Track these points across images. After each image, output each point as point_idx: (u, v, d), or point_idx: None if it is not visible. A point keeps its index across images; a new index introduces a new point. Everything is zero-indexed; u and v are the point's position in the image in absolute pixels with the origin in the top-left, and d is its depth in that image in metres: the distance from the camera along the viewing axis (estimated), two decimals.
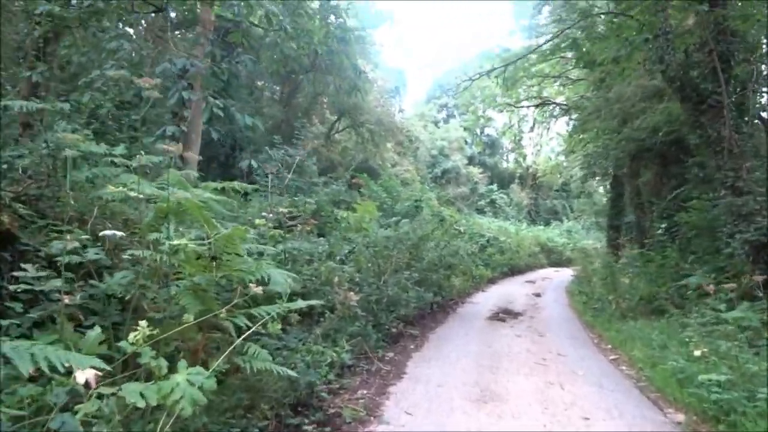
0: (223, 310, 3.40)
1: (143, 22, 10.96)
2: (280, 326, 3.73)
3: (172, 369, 2.72)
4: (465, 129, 49.63)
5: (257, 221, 5.36)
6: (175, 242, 3.35)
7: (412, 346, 7.58)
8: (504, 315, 11.26)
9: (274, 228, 6.25)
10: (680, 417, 5.20)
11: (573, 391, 5.78)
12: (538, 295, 16.18)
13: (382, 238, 8.09)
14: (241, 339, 3.44)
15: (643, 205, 18.86)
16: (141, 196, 3.51)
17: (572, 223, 44.45)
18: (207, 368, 2.80)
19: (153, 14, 9.51)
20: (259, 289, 3.44)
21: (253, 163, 6.46)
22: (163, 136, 6.16)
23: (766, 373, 5.25)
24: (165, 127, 6.14)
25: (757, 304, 7.66)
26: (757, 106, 11.00)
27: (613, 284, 11.81)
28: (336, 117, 33.29)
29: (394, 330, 7.73)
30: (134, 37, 9.09)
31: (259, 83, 31.62)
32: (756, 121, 10.76)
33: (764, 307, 7.12)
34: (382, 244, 8.25)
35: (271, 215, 5.97)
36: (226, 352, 3.32)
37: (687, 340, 7.16)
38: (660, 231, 12.11)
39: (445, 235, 12.14)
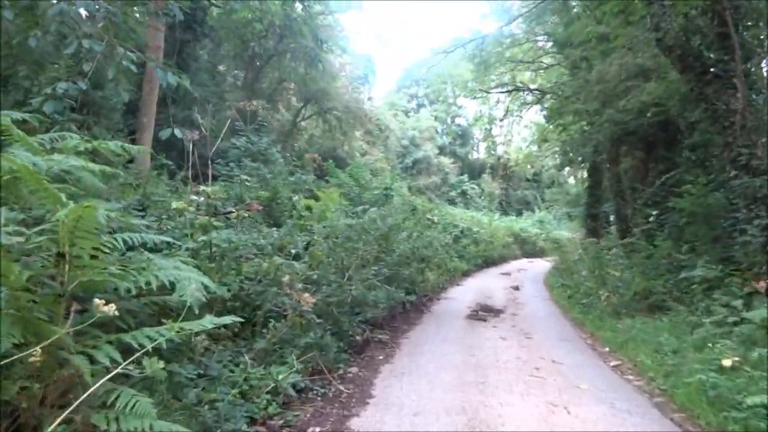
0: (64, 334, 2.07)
1: None
2: (162, 365, 2.41)
3: None
4: (436, 118, 48.69)
5: (175, 204, 4.04)
6: None
7: (380, 357, 6.32)
8: (484, 313, 10.10)
9: (208, 215, 4.91)
10: None
11: (582, 416, 4.60)
12: (516, 288, 15.12)
13: (345, 228, 6.79)
14: (103, 380, 2.13)
15: (623, 192, 17.96)
16: None
17: (544, 213, 43.92)
18: None
19: None
20: (109, 308, 2.12)
21: (177, 132, 5.05)
22: (54, 96, 4.75)
23: None
24: (56, 84, 4.73)
25: None
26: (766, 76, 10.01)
27: (602, 277, 10.76)
28: (302, 104, 31.76)
29: (358, 337, 6.47)
30: None
31: (221, 68, 29.87)
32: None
33: None
34: (345, 234, 6.95)
35: (199, 198, 4.63)
36: (73, 405, 2.02)
37: (707, 344, 6.08)
38: (651, 219, 11.08)
39: (417, 226, 10.92)
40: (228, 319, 2.78)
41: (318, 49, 22.89)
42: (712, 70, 8.23)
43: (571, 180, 45.64)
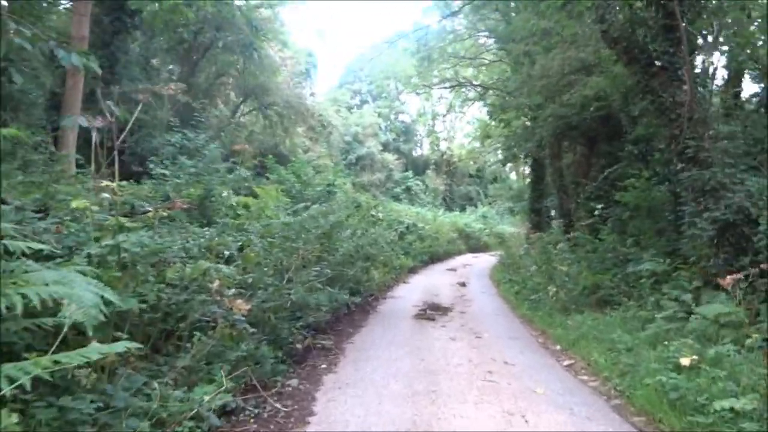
0: None
1: None
2: (15, 419, 1.85)
3: None
4: (379, 115, 48.35)
5: (75, 203, 3.40)
6: None
7: (323, 366, 5.82)
8: (432, 311, 9.75)
9: (120, 216, 4.27)
10: None
11: (541, 425, 4.27)
12: (463, 284, 14.92)
13: (282, 226, 6.23)
14: None
15: (566, 187, 18.10)
16: None
17: (487, 208, 44.39)
18: None
19: None
20: None
21: (81, 120, 4.39)
22: None
23: None
24: None
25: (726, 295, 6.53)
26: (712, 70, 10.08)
27: (549, 272, 10.62)
28: (241, 99, 30.72)
29: (299, 345, 5.94)
30: None
31: (154, 61, 28.48)
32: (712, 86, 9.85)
33: (741, 298, 5.96)
34: (284, 233, 6.40)
35: (106, 195, 3.99)
36: None
37: (661, 341, 5.90)
38: (596, 213, 11.04)
39: (361, 223, 10.46)
40: (121, 346, 2.23)
41: (254, 38, 22.05)
42: (657, 62, 8.13)
43: (513, 176, 46.44)
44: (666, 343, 5.98)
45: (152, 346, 4.25)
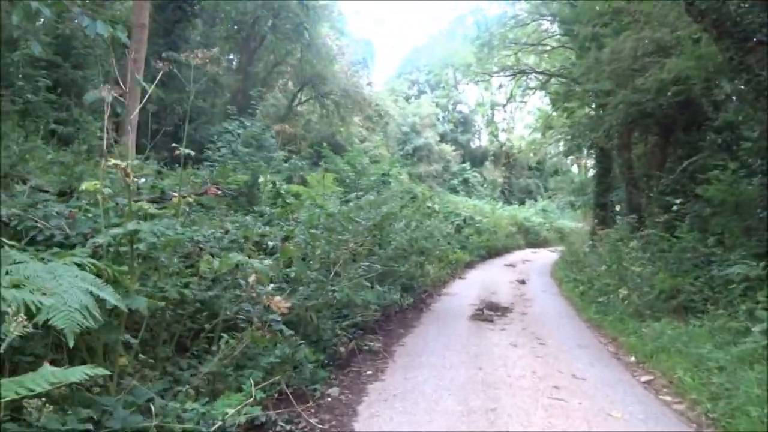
0: None
1: None
2: None
3: None
4: (437, 105, 47.45)
5: (84, 185, 2.99)
6: None
7: (369, 372, 5.28)
8: (490, 312, 9.08)
9: (151, 201, 3.86)
10: None
11: None
12: (522, 282, 14.11)
13: (326, 217, 5.69)
14: None
15: (636, 180, 16.90)
16: None
17: (547, 202, 42.85)
18: None
19: None
20: None
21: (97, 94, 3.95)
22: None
23: None
24: None
25: None
26: None
27: (620, 273, 9.72)
28: (298, 87, 30.63)
29: (342, 348, 5.43)
30: None
31: (215, 50, 28.64)
32: None
33: None
34: (329, 224, 5.89)
35: (134, 179, 3.57)
36: None
37: (759, 359, 5.06)
38: (674, 208, 10.01)
39: (416, 214, 9.87)
40: (79, 372, 1.74)
41: (310, 26, 21.81)
42: (754, 36, 7.14)
43: (575, 169, 44.63)
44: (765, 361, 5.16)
45: (178, 346, 3.83)
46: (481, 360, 5.91)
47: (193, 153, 4.17)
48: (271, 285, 4.65)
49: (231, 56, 30.81)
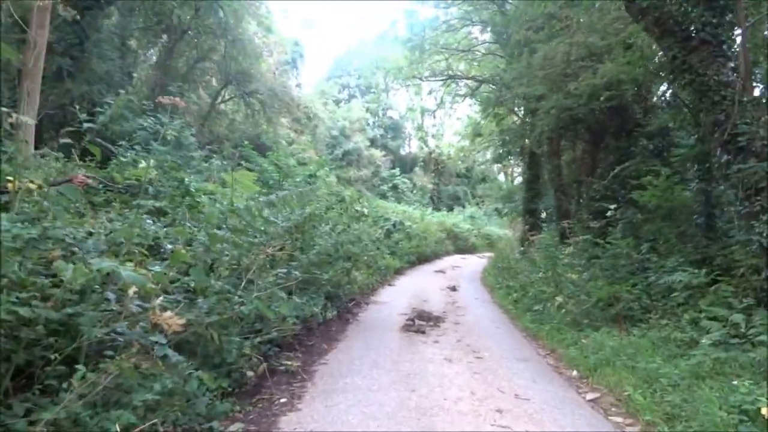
0: None
1: None
2: None
3: None
4: (367, 110, 46.97)
5: None
6: None
7: (282, 400, 4.44)
8: (422, 322, 8.42)
9: None
10: None
11: None
12: (453, 288, 13.62)
13: (229, 213, 4.76)
14: None
15: (564, 186, 16.89)
16: None
17: (474, 208, 43.26)
18: None
19: None
20: None
21: None
22: None
23: None
24: None
25: None
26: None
27: (555, 280, 9.35)
28: (221, 85, 29.19)
29: (251, 372, 4.56)
30: None
31: (132, 42, 26.90)
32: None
33: None
34: (238, 224, 4.99)
35: None
36: None
37: (713, 374, 4.64)
38: (609, 214, 9.76)
39: (343, 216, 9.10)
40: None
41: (230, 14, 20.74)
42: (696, 35, 6.89)
43: (502, 177, 45.36)
44: (719, 375, 4.76)
45: (26, 379, 2.88)
46: (414, 380, 5.20)
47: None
48: (161, 298, 3.76)
49: (150, 50, 29.06)
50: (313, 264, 6.61)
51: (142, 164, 9.68)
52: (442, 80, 27.83)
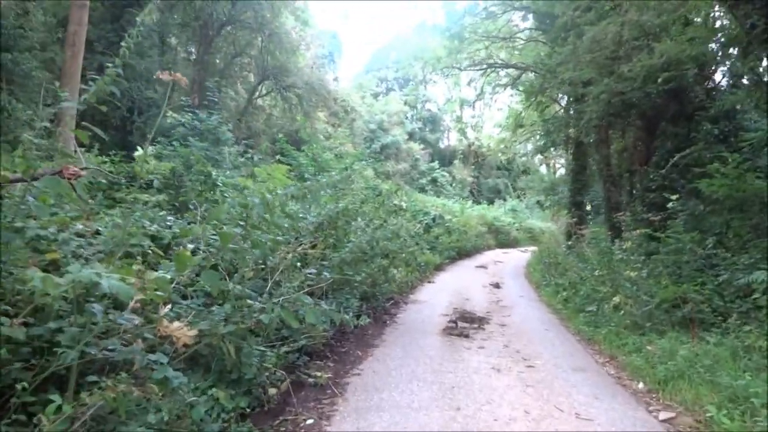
0: None
1: None
2: None
3: None
4: (406, 103, 46.31)
5: None
6: None
7: (309, 421, 3.89)
8: (464, 324, 7.81)
9: None
10: None
11: None
12: (497, 285, 12.93)
13: (241, 208, 4.22)
14: None
15: (614, 177, 15.92)
16: None
17: (516, 201, 42.16)
18: None
19: None
20: None
21: None
22: None
23: None
24: None
25: None
26: None
27: (612, 278, 8.56)
28: (259, 80, 29.02)
29: (273, 390, 4.04)
30: None
31: (172, 41, 27.01)
32: None
33: None
34: (256, 220, 4.46)
35: None
36: None
37: None
38: (671, 205, 8.88)
39: (379, 211, 8.54)
40: None
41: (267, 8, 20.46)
42: None
43: (543, 169, 44.04)
44: None
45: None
46: (459, 395, 4.60)
47: None
48: (168, 307, 3.28)
49: (190, 49, 29.11)
50: (346, 263, 6.07)
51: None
52: (481, 70, 26.91)
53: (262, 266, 4.97)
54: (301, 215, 6.28)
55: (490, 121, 44.43)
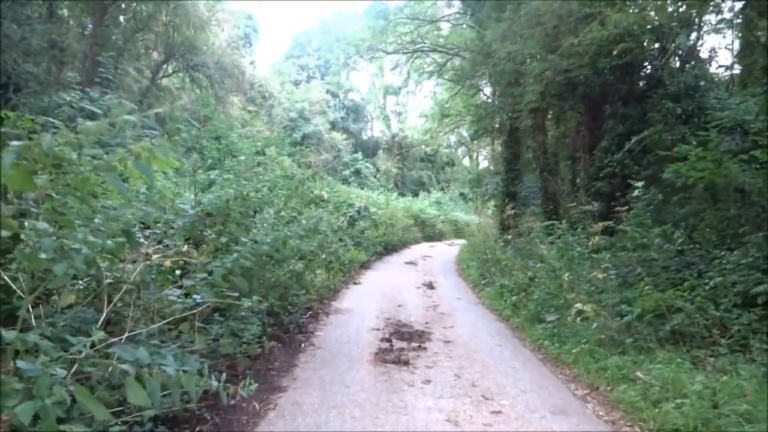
0: None
1: None
2: None
3: None
4: (327, 92, 44.26)
5: None
6: None
7: None
8: (401, 342, 6.17)
9: None
10: None
11: None
12: (430, 286, 11.44)
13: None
14: None
15: (550, 165, 14.85)
16: None
17: (440, 194, 41.27)
18: None
19: None
20: None
21: None
22: None
23: None
24: None
25: None
26: None
27: (572, 282, 7.18)
28: (163, 58, 26.17)
29: None
30: None
31: (62, 12, 23.72)
32: None
33: None
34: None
35: None
36: None
37: None
38: (637, 193, 7.61)
39: (292, 200, 6.70)
40: None
41: None
42: None
43: (466, 161, 43.54)
44: None
45: None
46: None
47: None
48: None
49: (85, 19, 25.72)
50: (237, 274, 4.21)
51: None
52: (408, 53, 25.45)
53: (94, 286, 3.09)
54: (179, 204, 4.41)
55: (415, 111, 43.34)
